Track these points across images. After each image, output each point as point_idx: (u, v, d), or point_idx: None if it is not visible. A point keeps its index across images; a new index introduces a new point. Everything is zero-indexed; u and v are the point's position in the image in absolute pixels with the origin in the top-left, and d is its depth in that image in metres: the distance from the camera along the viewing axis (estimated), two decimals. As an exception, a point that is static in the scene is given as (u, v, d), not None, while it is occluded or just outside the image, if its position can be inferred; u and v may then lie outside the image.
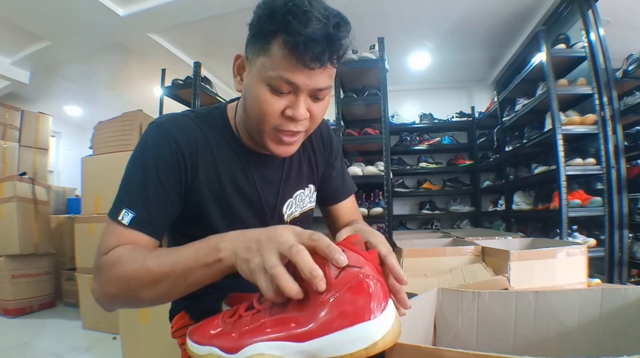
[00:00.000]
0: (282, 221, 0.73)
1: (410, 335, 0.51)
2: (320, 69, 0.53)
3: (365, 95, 2.32)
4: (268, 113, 0.56)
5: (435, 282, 1.20)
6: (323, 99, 0.59)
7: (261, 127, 0.58)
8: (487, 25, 2.86)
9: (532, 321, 0.61)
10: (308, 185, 0.77)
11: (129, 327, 1.63)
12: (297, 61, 0.51)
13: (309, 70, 0.52)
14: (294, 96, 0.55)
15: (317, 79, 0.54)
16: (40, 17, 2.59)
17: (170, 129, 0.61)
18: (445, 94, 4.04)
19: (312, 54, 0.50)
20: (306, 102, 0.56)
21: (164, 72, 2.78)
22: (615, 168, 2.00)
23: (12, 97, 3.73)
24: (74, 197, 3.61)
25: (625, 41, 2.32)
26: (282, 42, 0.51)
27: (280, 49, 0.51)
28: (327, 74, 0.55)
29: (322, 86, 0.55)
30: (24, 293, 2.61)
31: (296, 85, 0.53)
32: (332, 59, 0.52)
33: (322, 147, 0.79)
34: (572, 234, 2.09)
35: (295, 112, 0.55)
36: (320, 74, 0.54)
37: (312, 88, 0.55)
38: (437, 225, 3.63)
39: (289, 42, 0.50)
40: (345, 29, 0.52)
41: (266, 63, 0.53)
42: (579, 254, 1.16)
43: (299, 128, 0.58)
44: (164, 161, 0.59)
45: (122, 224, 0.55)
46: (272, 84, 0.54)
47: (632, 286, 0.59)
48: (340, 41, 0.52)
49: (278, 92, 0.54)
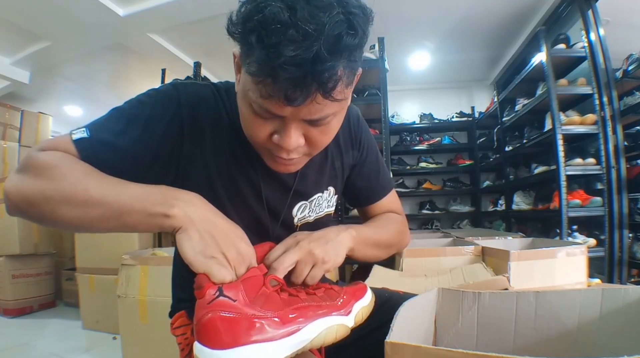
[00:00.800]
0: (291, 225, 0.64)
1: (410, 335, 0.51)
2: (310, 104, 0.41)
3: (365, 95, 2.32)
4: (254, 136, 0.47)
5: (435, 282, 1.20)
6: (327, 124, 0.46)
7: (254, 144, 0.51)
8: (487, 25, 2.86)
9: (532, 321, 0.61)
10: (328, 188, 0.67)
11: (129, 327, 1.63)
12: (274, 95, 0.39)
13: (294, 107, 0.41)
14: (283, 124, 0.45)
15: (309, 110, 0.42)
16: (40, 17, 2.59)
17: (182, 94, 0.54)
18: (445, 94, 4.04)
19: (290, 89, 0.38)
20: (299, 129, 0.45)
21: (164, 72, 2.78)
22: (615, 168, 2.00)
23: (12, 97, 3.73)
24: (74, 197, 3.61)
25: (625, 41, 2.32)
26: (255, 63, 0.39)
27: (255, 71, 0.39)
28: (325, 106, 0.42)
29: (317, 117, 0.43)
30: (24, 293, 2.61)
31: (278, 116, 0.43)
32: (324, 91, 0.39)
33: (350, 145, 0.68)
34: (572, 234, 2.09)
35: (282, 142, 0.45)
36: (313, 107, 0.42)
37: (302, 119, 0.44)
38: (437, 225, 3.63)
39: (261, 67, 0.38)
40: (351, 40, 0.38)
41: (246, 80, 0.43)
42: (579, 254, 1.16)
43: (292, 156, 0.48)
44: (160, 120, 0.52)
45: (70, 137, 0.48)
46: (254, 107, 0.44)
47: (632, 286, 0.59)
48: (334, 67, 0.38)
49: (261, 116, 0.44)
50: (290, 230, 0.63)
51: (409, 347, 0.40)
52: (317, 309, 0.45)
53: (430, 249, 1.49)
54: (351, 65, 0.41)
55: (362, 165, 0.70)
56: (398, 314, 0.49)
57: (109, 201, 0.41)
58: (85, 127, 0.49)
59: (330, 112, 0.44)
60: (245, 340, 0.37)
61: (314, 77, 0.38)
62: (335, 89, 0.40)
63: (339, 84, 0.40)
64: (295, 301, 0.44)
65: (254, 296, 0.40)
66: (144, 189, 0.43)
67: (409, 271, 1.37)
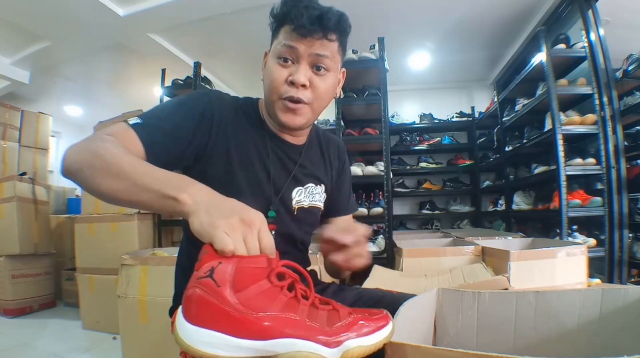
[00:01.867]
0: (289, 206, 0.75)
1: (410, 335, 0.51)
2: (317, 40, 0.64)
3: (365, 95, 2.32)
4: (275, 81, 0.66)
5: (435, 282, 1.20)
6: (324, 72, 0.67)
7: (272, 97, 0.67)
8: (487, 25, 2.86)
9: (532, 321, 0.61)
10: (320, 184, 0.82)
11: (129, 327, 1.63)
12: (296, 31, 0.63)
13: (306, 39, 0.63)
14: (296, 65, 0.66)
15: (315, 47, 0.64)
16: (40, 17, 2.59)
17: (213, 97, 0.71)
18: (445, 94, 4.03)
19: (307, 24, 0.62)
20: (307, 72, 0.66)
21: (164, 72, 2.78)
22: (615, 168, 2.00)
23: (12, 97, 3.72)
24: (74, 197, 3.61)
25: (625, 41, 2.32)
26: (286, 23, 0.65)
27: (285, 28, 0.65)
28: (326, 46, 0.65)
29: (320, 52, 0.65)
30: (24, 293, 2.61)
31: (296, 49, 0.64)
32: (325, 29, 0.63)
33: (337, 159, 0.88)
34: (572, 234, 2.08)
35: (295, 76, 0.65)
36: (318, 43, 0.64)
37: (310, 53, 0.65)
38: (437, 225, 3.63)
39: (291, 21, 0.63)
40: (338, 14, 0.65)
41: (276, 43, 0.67)
42: (579, 254, 1.16)
43: (299, 95, 0.66)
44: (194, 109, 0.67)
45: (126, 123, 0.60)
46: (279, 54, 0.66)
47: (632, 286, 0.59)
48: (331, 18, 0.63)
49: (283, 60, 0.66)
50: (288, 211, 0.75)
51: (409, 346, 0.40)
52: (299, 327, 0.41)
53: (430, 249, 1.49)
54: (343, 35, 0.68)
55: (341, 183, 0.89)
56: (398, 314, 0.49)
57: (135, 177, 0.48)
58: (137, 117, 0.62)
59: (328, 54, 0.66)
60: (211, 325, 0.38)
61: (321, 20, 0.62)
62: (335, 33, 0.65)
63: (337, 33, 0.65)
64: (291, 307, 0.42)
65: (248, 285, 0.40)
66: (166, 175, 0.49)
67: (409, 271, 1.37)
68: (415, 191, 3.69)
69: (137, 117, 0.62)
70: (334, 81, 0.71)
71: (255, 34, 2.89)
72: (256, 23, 2.74)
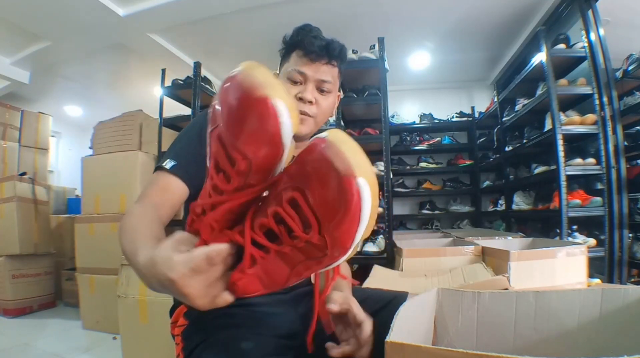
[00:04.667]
0: None
1: (410, 335, 0.51)
2: (323, 65, 0.77)
3: (365, 95, 2.32)
4: None
5: (435, 282, 1.20)
6: (326, 93, 0.80)
7: None
8: (487, 25, 2.86)
9: (532, 321, 0.61)
10: None
11: (129, 327, 1.63)
12: (306, 57, 0.76)
13: (314, 64, 0.76)
14: (304, 85, 0.78)
15: (321, 72, 0.77)
16: (40, 17, 2.59)
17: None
18: (445, 94, 4.03)
19: (316, 52, 0.75)
20: (313, 91, 0.78)
21: (164, 72, 2.78)
22: (615, 168, 2.00)
23: (12, 97, 3.72)
24: (74, 197, 3.61)
25: (625, 41, 2.32)
26: (297, 49, 0.78)
27: (296, 54, 0.78)
28: (329, 72, 0.78)
29: (324, 78, 0.78)
30: (24, 293, 2.61)
31: (305, 74, 0.77)
32: (330, 57, 0.77)
33: None
34: (572, 234, 2.08)
35: (303, 94, 0.77)
36: (323, 69, 0.77)
37: (317, 79, 0.78)
38: (437, 225, 3.62)
39: (301, 48, 0.77)
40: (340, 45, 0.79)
41: (287, 66, 0.79)
42: (579, 254, 1.16)
43: (306, 109, 0.77)
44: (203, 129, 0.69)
45: (163, 170, 0.69)
46: (289, 77, 0.78)
47: (632, 286, 0.59)
48: (336, 48, 0.77)
49: (293, 82, 0.78)
50: None
51: (409, 346, 0.40)
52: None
53: (430, 249, 1.49)
54: (343, 63, 0.81)
55: None
56: (398, 314, 0.49)
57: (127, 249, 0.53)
58: (168, 158, 0.70)
59: (331, 80, 0.79)
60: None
61: (328, 49, 0.76)
62: (337, 61, 0.79)
63: (338, 61, 0.79)
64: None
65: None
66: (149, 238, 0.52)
67: (409, 272, 1.37)
68: (415, 191, 3.69)
69: (168, 159, 0.70)
70: (334, 101, 0.83)
71: (255, 34, 2.89)
72: (256, 23, 2.74)
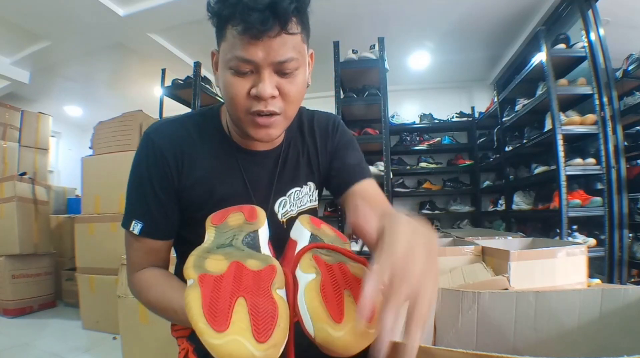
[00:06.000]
0: (276, 220, 0.70)
1: (410, 335, 0.51)
2: (274, 39, 0.50)
3: (365, 95, 2.32)
4: (235, 95, 0.55)
5: (435, 282, 1.20)
6: (292, 74, 0.55)
7: (236, 113, 0.57)
8: (487, 25, 2.86)
9: (532, 321, 0.61)
10: (307, 183, 0.74)
11: (129, 327, 1.63)
12: (245, 36, 0.50)
13: (261, 42, 0.50)
14: (257, 75, 0.54)
15: (275, 51, 0.51)
16: (40, 17, 2.59)
17: (156, 139, 0.63)
18: (445, 94, 4.03)
19: (257, 24, 0.48)
20: (272, 80, 0.54)
21: (164, 72, 2.78)
22: (615, 168, 2.00)
23: (12, 97, 3.72)
24: (74, 197, 3.61)
25: (625, 41, 2.32)
26: (231, 23, 0.51)
27: (231, 30, 0.51)
28: (288, 45, 0.52)
29: (283, 58, 0.52)
30: (24, 293, 2.61)
31: (253, 61, 0.52)
32: (281, 24, 0.50)
33: (326, 140, 0.75)
34: (572, 234, 2.09)
35: (258, 90, 0.53)
36: (277, 45, 0.51)
37: (271, 61, 0.52)
38: (437, 225, 3.63)
39: (236, 20, 0.50)
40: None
41: (225, 48, 0.54)
42: (579, 254, 1.16)
43: (269, 108, 0.55)
44: (154, 171, 0.63)
45: (134, 235, 0.62)
46: (232, 67, 0.53)
47: (632, 286, 0.59)
48: (285, 4, 0.49)
49: (240, 73, 0.53)
50: (276, 225, 0.69)
51: (409, 346, 0.40)
52: None
53: (430, 249, 1.48)
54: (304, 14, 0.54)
55: (344, 154, 0.75)
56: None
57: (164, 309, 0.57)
58: (133, 219, 0.63)
59: (293, 55, 0.53)
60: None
61: (273, 12, 0.48)
62: (294, 20, 0.52)
63: (297, 18, 0.52)
64: None
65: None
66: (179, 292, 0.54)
67: (409, 271, 1.37)
68: (415, 191, 3.69)
69: (134, 219, 0.63)
70: (305, 75, 0.59)
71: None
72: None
